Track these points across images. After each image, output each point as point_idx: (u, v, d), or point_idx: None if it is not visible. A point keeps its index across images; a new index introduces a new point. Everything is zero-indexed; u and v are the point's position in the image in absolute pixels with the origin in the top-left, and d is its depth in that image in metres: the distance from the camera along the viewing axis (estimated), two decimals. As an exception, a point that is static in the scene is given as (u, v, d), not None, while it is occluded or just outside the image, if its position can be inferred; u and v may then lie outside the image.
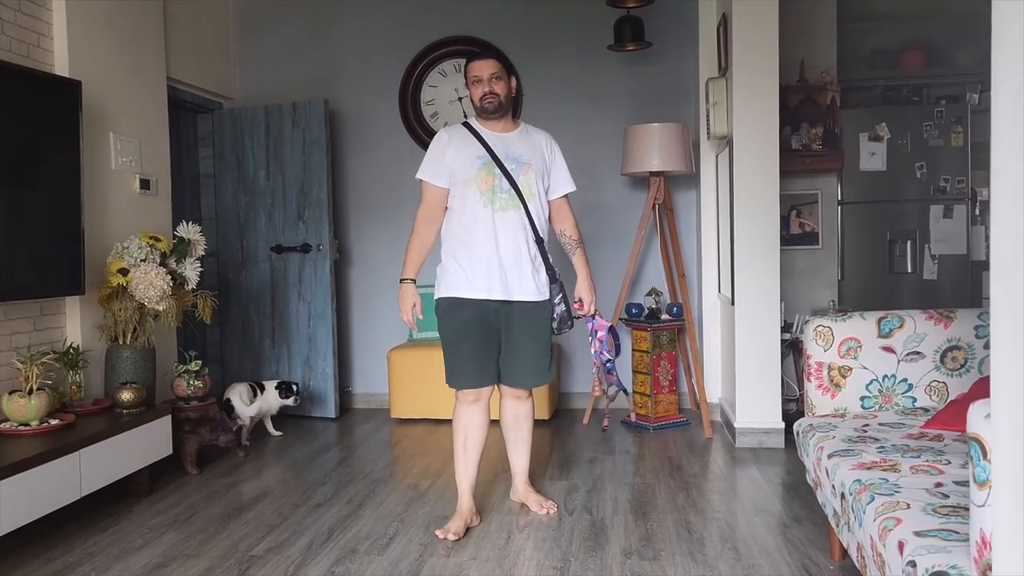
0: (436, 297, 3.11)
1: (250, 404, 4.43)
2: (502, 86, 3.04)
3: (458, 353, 3.06)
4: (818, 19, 5.22)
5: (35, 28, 3.62)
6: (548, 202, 3.16)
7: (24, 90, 3.32)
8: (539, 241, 3.08)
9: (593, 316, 3.22)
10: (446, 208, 3.11)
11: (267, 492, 3.59)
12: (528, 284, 3.06)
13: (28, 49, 3.57)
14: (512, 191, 3.02)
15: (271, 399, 4.57)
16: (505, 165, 3.02)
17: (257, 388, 4.54)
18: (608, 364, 3.23)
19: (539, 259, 3.10)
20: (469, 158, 3.03)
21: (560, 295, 3.14)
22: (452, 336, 3.07)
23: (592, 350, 3.24)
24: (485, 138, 3.06)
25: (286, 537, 3.03)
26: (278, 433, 4.67)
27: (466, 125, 3.12)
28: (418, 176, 3.12)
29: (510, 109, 3.12)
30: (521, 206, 3.03)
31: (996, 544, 1.23)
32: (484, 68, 3.04)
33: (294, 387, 4.61)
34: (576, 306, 3.20)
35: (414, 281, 3.10)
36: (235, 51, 5.52)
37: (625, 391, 3.37)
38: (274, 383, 4.61)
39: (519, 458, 3.30)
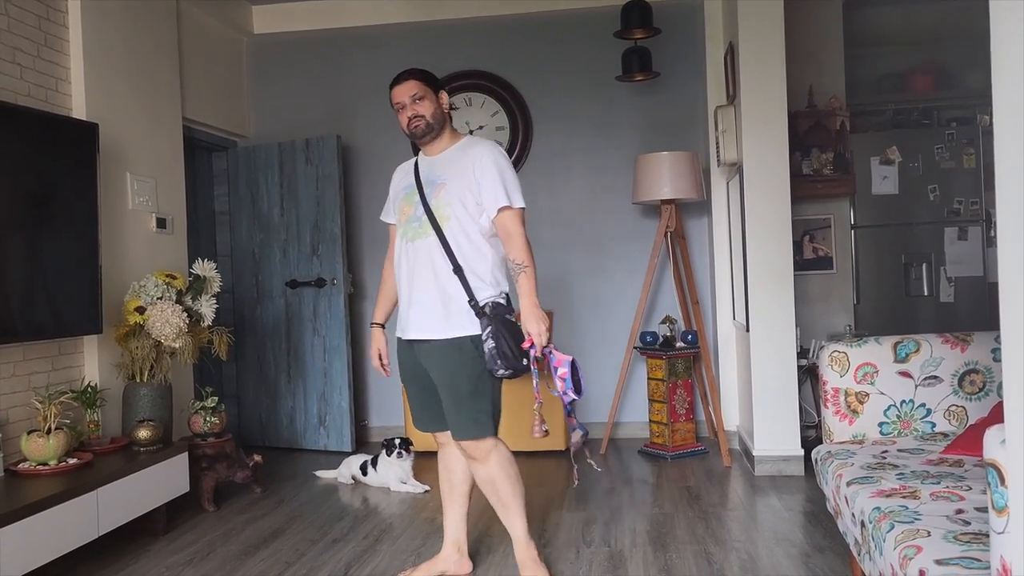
0: None
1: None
2: (427, 106, 2.77)
3: (408, 396, 2.95)
4: (825, 45, 5.25)
5: (53, 73, 3.70)
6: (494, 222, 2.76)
7: (43, 133, 3.39)
8: (456, 270, 2.70)
9: (549, 351, 2.66)
10: None
11: (284, 528, 3.59)
12: (431, 321, 2.73)
13: (47, 93, 3.64)
14: (425, 218, 2.74)
15: (386, 469, 4.21)
16: (424, 190, 2.78)
17: (370, 463, 4.28)
18: (567, 407, 2.69)
19: (457, 290, 2.69)
20: (400, 190, 2.90)
21: (489, 329, 2.64)
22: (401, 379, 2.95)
23: (557, 391, 2.67)
24: (419, 164, 2.89)
25: (303, 574, 3.01)
26: (422, 488, 4.13)
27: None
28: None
29: (445, 127, 2.84)
30: (433, 233, 2.72)
31: (1015, 571, 1.21)
32: (403, 92, 2.79)
33: (396, 442, 4.19)
34: (525, 344, 2.65)
35: (381, 326, 2.99)
36: (248, 90, 5.61)
37: (586, 433, 2.78)
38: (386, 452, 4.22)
39: (508, 523, 2.86)
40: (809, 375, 4.78)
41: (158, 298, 3.74)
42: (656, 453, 4.68)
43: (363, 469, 4.29)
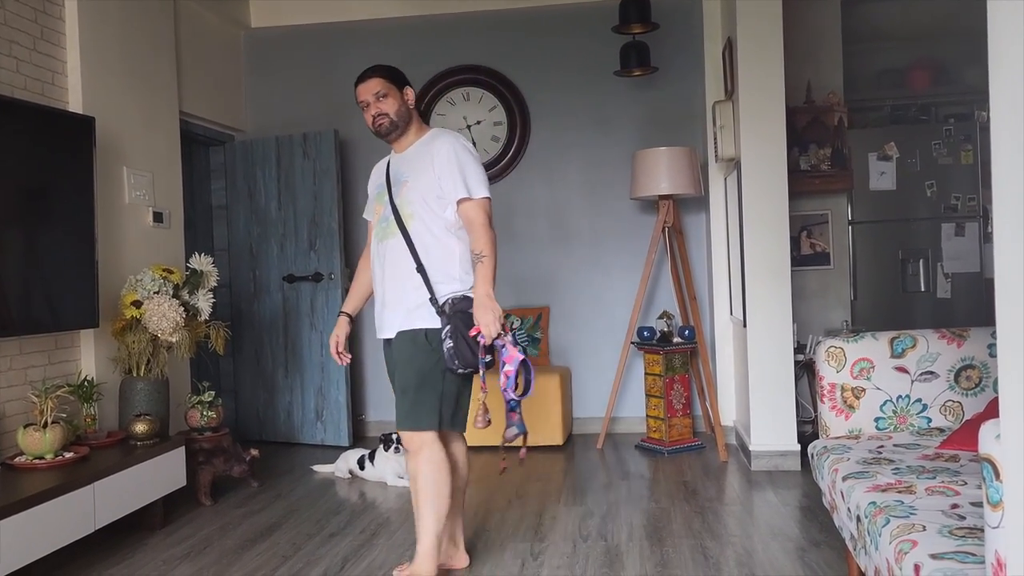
0: None
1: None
2: (390, 103, 2.76)
3: (394, 392, 2.90)
4: (824, 40, 5.25)
5: (50, 66, 3.69)
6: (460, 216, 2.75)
7: (39, 127, 3.38)
8: (419, 268, 2.70)
9: (502, 344, 2.64)
10: None
11: (281, 522, 3.59)
12: (398, 318, 2.74)
13: (43, 87, 3.63)
14: (392, 217, 2.75)
15: (383, 463, 4.19)
16: (392, 189, 2.79)
17: (368, 458, 4.27)
18: (511, 402, 2.67)
19: (419, 288, 2.70)
20: (374, 189, 2.91)
21: (448, 328, 2.64)
22: None
23: (500, 384, 2.66)
24: (390, 162, 2.88)
25: (300, 568, 3.02)
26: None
27: None
28: None
29: (410, 124, 2.82)
30: (399, 232, 2.72)
31: (1010, 566, 1.21)
32: (367, 90, 2.78)
33: (394, 436, 4.13)
34: (472, 332, 2.64)
35: (348, 317, 2.97)
36: (246, 84, 5.60)
37: (525, 434, 2.73)
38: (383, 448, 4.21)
39: (417, 529, 2.78)
40: (806, 370, 4.79)
41: (155, 292, 3.73)
42: (653, 448, 4.69)
43: (360, 464, 4.29)
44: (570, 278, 5.36)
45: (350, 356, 2.98)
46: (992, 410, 2.38)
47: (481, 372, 2.66)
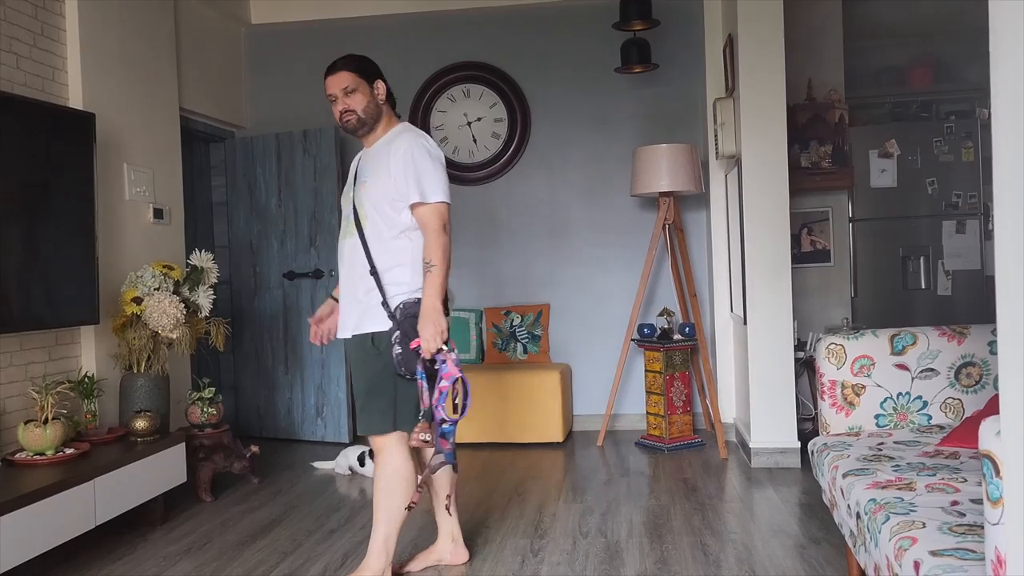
0: None
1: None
2: (358, 99, 2.68)
3: None
4: (825, 38, 5.24)
5: (50, 62, 3.68)
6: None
7: (39, 123, 3.38)
8: (372, 272, 2.64)
9: (443, 360, 2.54)
10: None
11: (281, 519, 3.59)
12: (349, 319, 2.71)
13: (43, 83, 3.63)
14: (352, 217, 2.70)
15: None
16: (356, 187, 2.74)
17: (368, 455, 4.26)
18: (444, 426, 2.53)
19: (371, 291, 2.64)
20: (346, 185, 2.86)
21: (397, 334, 2.58)
22: None
23: (433, 401, 2.56)
24: (360, 158, 2.82)
25: (300, 564, 3.02)
26: (418, 480, 4.10)
27: None
28: None
29: (379, 119, 2.74)
30: (356, 232, 2.67)
31: (1010, 563, 1.22)
32: (335, 84, 2.69)
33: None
34: (413, 344, 2.56)
35: (335, 300, 2.92)
36: (246, 80, 5.60)
37: (454, 466, 2.64)
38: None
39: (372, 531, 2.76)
40: (806, 368, 4.79)
41: (155, 289, 3.73)
42: (653, 445, 4.69)
43: (360, 460, 4.29)
44: (570, 275, 5.36)
45: (331, 339, 2.93)
46: (992, 407, 2.38)
47: (423, 386, 2.56)
